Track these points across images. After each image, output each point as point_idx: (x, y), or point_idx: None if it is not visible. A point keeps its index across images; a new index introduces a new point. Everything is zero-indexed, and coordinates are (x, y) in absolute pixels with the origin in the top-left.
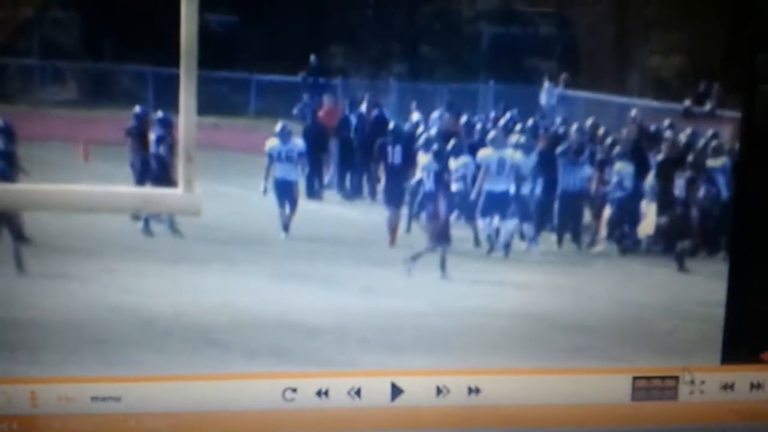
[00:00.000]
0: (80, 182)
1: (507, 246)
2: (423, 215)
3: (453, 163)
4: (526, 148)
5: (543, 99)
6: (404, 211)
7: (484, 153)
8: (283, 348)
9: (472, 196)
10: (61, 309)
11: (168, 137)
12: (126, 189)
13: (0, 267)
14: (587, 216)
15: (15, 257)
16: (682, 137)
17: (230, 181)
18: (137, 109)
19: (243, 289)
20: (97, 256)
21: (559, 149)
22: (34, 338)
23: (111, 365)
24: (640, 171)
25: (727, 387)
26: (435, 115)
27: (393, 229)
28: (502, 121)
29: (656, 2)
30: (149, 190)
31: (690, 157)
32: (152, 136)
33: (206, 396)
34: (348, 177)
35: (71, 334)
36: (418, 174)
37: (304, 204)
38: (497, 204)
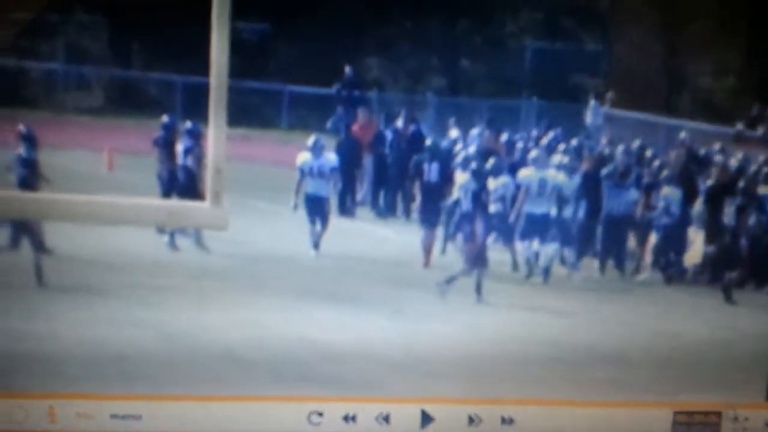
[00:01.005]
0: (103, 192)
1: (546, 271)
2: (459, 236)
3: (492, 183)
4: (570, 169)
5: (588, 118)
6: (439, 231)
7: (524, 173)
8: (309, 370)
9: (511, 217)
10: (81, 323)
11: (196, 148)
12: (151, 201)
13: (19, 278)
14: (632, 242)
15: (35, 268)
16: (733, 162)
17: (259, 195)
18: (165, 118)
19: (270, 307)
20: (119, 270)
21: (604, 171)
22: (53, 352)
23: (132, 382)
24: (688, 196)
25: None
26: (474, 132)
27: (427, 250)
28: (544, 140)
29: (708, 22)
30: (175, 203)
31: (741, 184)
32: (180, 147)
33: (229, 417)
34: (382, 194)
35: (91, 348)
36: (455, 193)
37: (335, 221)
38: (537, 227)
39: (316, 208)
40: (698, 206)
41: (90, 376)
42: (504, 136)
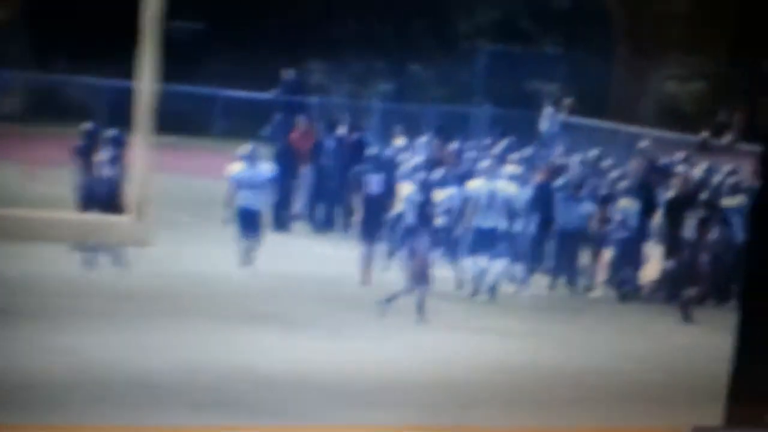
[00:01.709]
0: (16, 206)
1: (493, 289)
2: (402, 252)
3: (438, 195)
4: (522, 180)
5: (543, 126)
6: (381, 247)
7: (473, 184)
8: (235, 398)
9: (458, 232)
10: None
11: (120, 158)
12: (68, 215)
13: None
14: (585, 257)
15: None
16: (696, 172)
17: (187, 208)
18: (87, 126)
19: (192, 330)
20: (28, 291)
21: (558, 182)
22: None
23: (41, 412)
24: (647, 209)
25: None
26: (422, 140)
27: (367, 267)
28: (496, 150)
29: (673, 23)
30: (95, 217)
31: (703, 195)
32: (102, 157)
33: None
34: (320, 207)
35: None
36: (399, 206)
37: (269, 236)
38: (485, 241)
39: (249, 222)
40: (657, 219)
41: None
42: (453, 145)
